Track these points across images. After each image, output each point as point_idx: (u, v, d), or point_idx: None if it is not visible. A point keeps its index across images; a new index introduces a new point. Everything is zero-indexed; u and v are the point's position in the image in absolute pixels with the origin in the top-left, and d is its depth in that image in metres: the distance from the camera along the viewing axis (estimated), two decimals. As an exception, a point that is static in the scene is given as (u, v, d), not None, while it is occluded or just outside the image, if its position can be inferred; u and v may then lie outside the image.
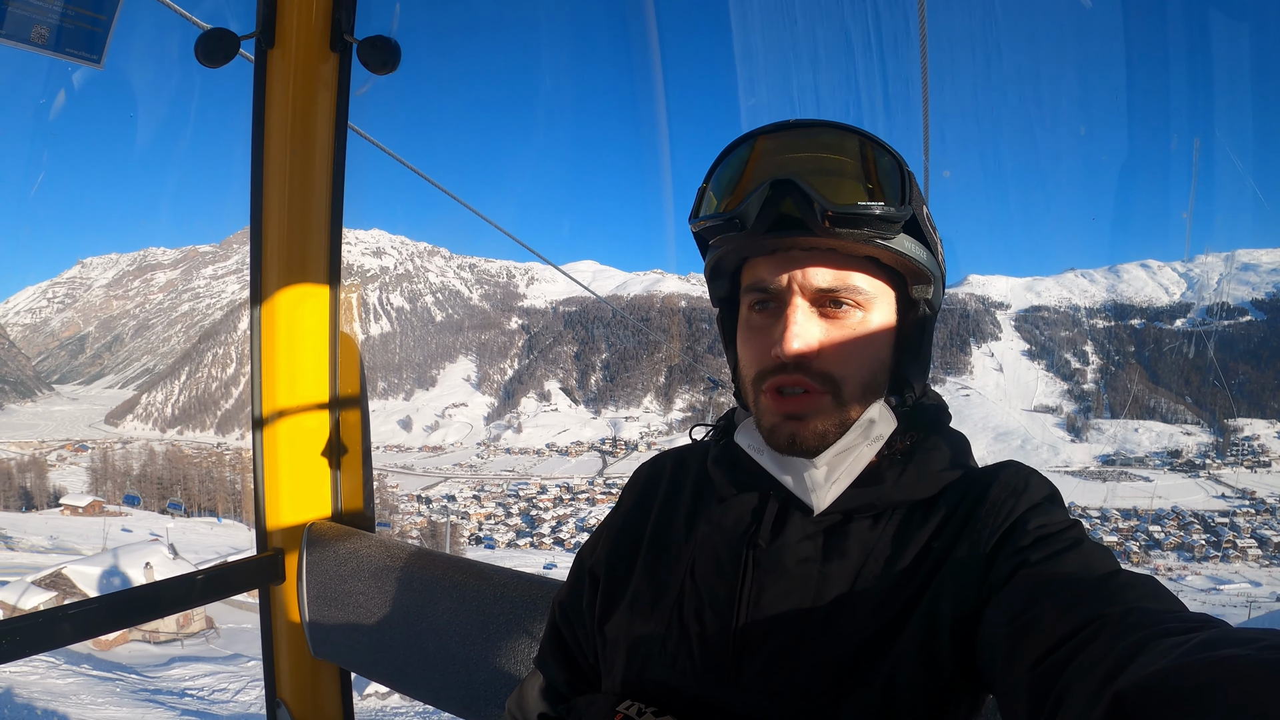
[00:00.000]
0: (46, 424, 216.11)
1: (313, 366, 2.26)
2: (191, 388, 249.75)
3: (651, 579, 1.04)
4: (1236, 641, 0.52)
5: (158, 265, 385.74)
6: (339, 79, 2.14)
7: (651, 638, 0.99)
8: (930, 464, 0.95)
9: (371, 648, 2.05)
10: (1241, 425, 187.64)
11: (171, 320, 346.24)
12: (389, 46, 2.04)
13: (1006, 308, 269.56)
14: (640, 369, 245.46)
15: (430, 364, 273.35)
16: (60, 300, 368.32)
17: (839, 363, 0.91)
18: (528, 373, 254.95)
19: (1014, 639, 0.72)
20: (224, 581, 2.17)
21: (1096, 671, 0.60)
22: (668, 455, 1.19)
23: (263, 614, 2.32)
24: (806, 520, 0.94)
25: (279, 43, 2.05)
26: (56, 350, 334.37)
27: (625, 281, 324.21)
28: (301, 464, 2.28)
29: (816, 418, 0.91)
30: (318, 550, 2.19)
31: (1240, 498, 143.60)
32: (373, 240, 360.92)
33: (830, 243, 0.89)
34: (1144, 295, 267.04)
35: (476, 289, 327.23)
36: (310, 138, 2.13)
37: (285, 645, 2.30)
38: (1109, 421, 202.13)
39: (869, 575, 0.90)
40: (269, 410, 2.24)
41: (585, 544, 1.20)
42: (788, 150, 0.91)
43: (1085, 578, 0.75)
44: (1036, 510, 0.87)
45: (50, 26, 1.74)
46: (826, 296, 0.91)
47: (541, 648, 1.21)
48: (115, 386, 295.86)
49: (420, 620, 1.93)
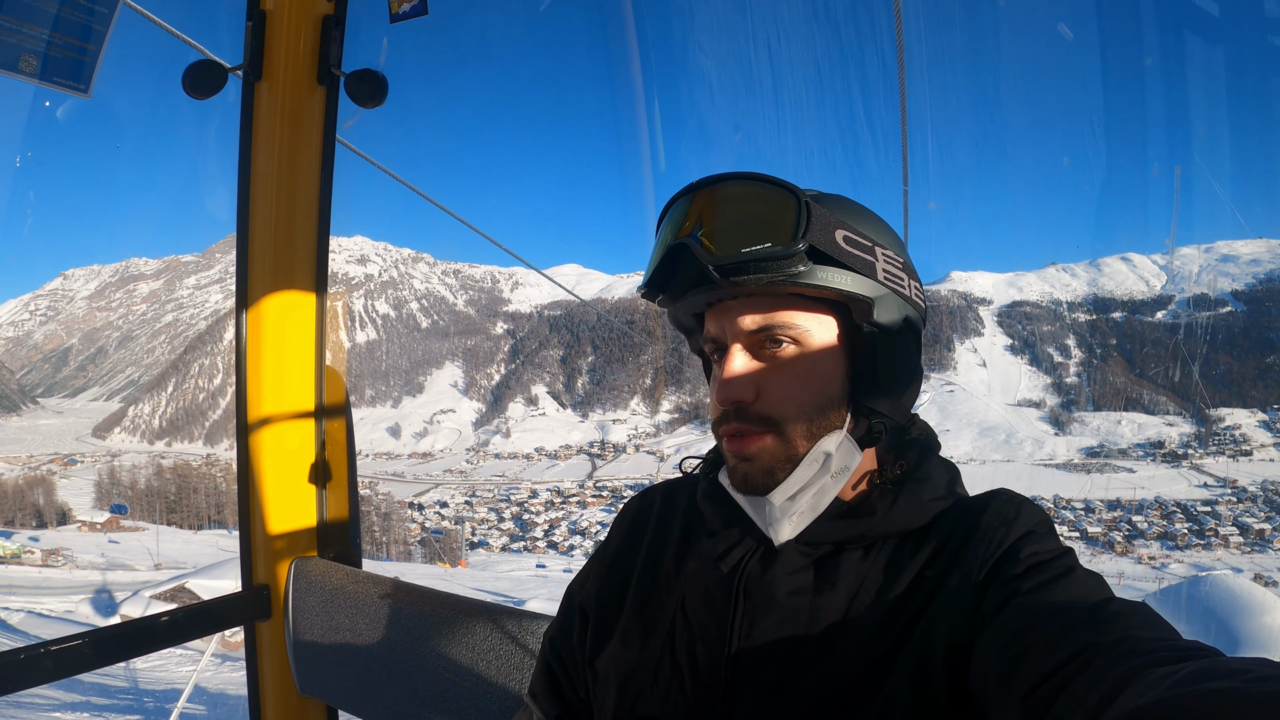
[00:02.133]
0: (33, 438, 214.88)
1: (299, 382, 2.26)
2: (179, 399, 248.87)
3: (642, 613, 1.04)
4: (1226, 673, 0.51)
5: (140, 276, 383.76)
6: (326, 111, 2.16)
7: (643, 672, 0.99)
8: (921, 494, 0.95)
9: (359, 684, 2.03)
10: (1223, 415, 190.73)
11: (155, 331, 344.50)
12: (376, 80, 2.05)
13: (989, 303, 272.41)
14: (626, 371, 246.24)
15: (417, 371, 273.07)
16: (43, 313, 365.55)
17: (777, 402, 0.92)
18: (514, 377, 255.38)
19: (1005, 670, 0.72)
20: (211, 617, 2.14)
21: (1087, 702, 0.60)
22: (656, 489, 1.20)
23: (248, 650, 2.30)
24: (797, 553, 0.94)
25: (267, 75, 2.07)
26: (40, 363, 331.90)
27: (609, 284, 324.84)
28: (287, 490, 2.25)
29: (761, 457, 0.92)
30: (304, 584, 2.16)
31: (1222, 486, 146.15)
32: (356, 248, 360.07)
33: (744, 290, 0.91)
34: (1125, 288, 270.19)
35: (461, 294, 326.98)
36: (297, 166, 2.13)
37: (271, 682, 2.27)
38: (1092, 414, 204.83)
39: (861, 606, 0.90)
40: (254, 424, 2.23)
41: (575, 578, 1.20)
42: (685, 214, 0.94)
43: (1076, 606, 0.75)
44: (1028, 539, 0.87)
45: (38, 55, 1.74)
46: (759, 338, 0.92)
47: (533, 683, 1.21)
48: (100, 399, 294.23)
49: (409, 656, 1.91)
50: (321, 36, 2.09)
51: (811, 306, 0.93)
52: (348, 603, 2.06)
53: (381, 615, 1.99)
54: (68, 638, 1.83)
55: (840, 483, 0.94)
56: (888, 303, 0.93)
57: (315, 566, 2.19)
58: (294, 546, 2.26)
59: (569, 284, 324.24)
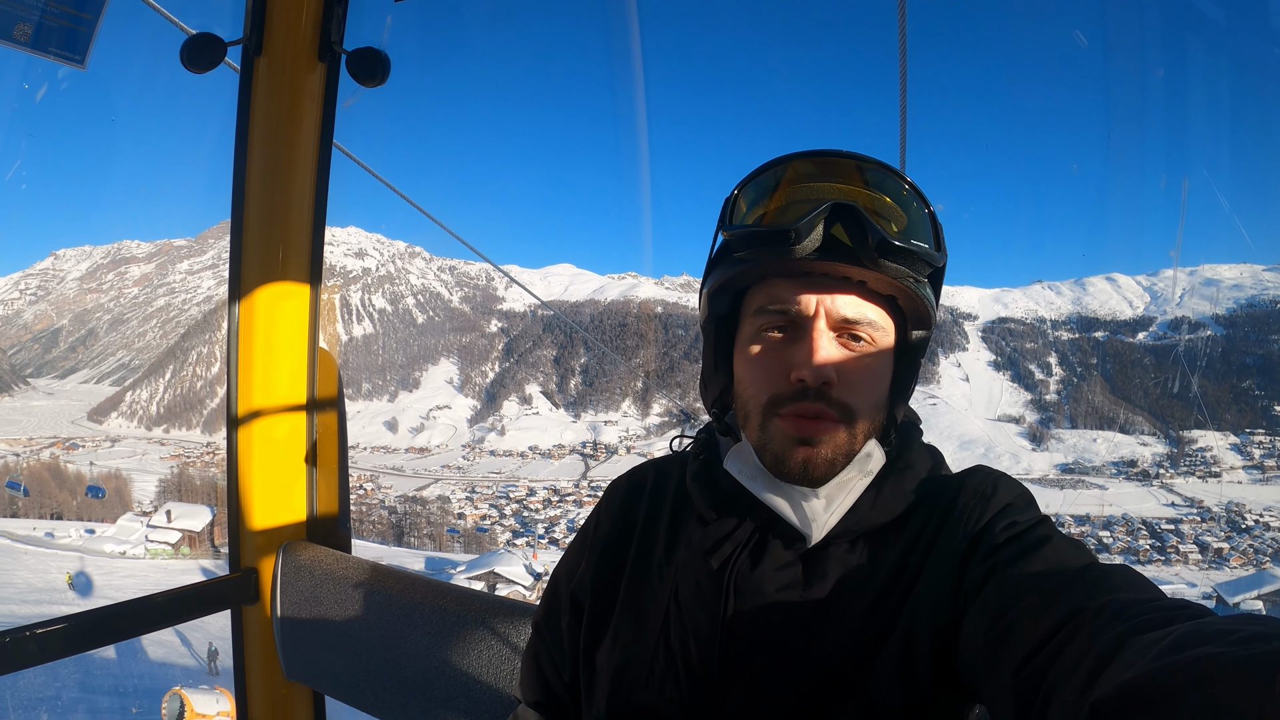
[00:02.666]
0: (27, 419, 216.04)
1: (291, 368, 2.21)
2: (176, 386, 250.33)
3: (635, 604, 1.04)
4: (1212, 635, 0.52)
5: (132, 259, 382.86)
6: (325, 89, 2.11)
7: (637, 664, 0.99)
8: (904, 483, 0.96)
9: (348, 671, 1.99)
10: (1196, 437, 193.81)
11: (147, 315, 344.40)
12: (378, 59, 2.02)
13: (974, 319, 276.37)
14: (618, 373, 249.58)
15: (413, 366, 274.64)
16: (33, 292, 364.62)
17: (855, 393, 0.92)
18: (509, 376, 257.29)
19: (993, 646, 0.72)
20: (196, 601, 2.10)
21: (1078, 672, 0.60)
22: (648, 466, 1.18)
23: (234, 634, 2.26)
24: (785, 547, 0.94)
25: (266, 50, 2.01)
26: (29, 343, 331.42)
27: (602, 286, 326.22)
28: (277, 477, 2.21)
29: (828, 445, 0.91)
30: (292, 569, 2.12)
31: (1189, 506, 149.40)
32: (354, 241, 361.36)
33: (864, 275, 0.90)
34: (1108, 308, 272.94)
35: (457, 291, 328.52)
36: (295, 145, 2.08)
37: (258, 667, 2.23)
38: (1069, 431, 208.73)
39: (849, 597, 0.90)
40: (245, 411, 2.18)
41: (560, 564, 1.19)
42: (835, 177, 0.92)
43: (1058, 574, 0.75)
44: (1005, 512, 0.88)
45: (33, 24, 1.68)
46: (847, 327, 0.92)
47: (522, 674, 1.22)
48: (91, 381, 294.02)
49: (399, 643, 1.87)
50: (324, 12, 2.02)
51: (890, 312, 0.95)
52: (336, 588, 2.03)
53: (370, 601, 1.96)
54: (51, 620, 1.80)
55: (865, 483, 0.95)
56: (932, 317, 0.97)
57: (304, 551, 2.15)
58: (283, 532, 2.22)
59: (563, 284, 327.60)
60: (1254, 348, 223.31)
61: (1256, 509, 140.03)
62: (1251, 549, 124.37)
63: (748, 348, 0.96)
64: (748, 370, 0.96)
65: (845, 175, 0.92)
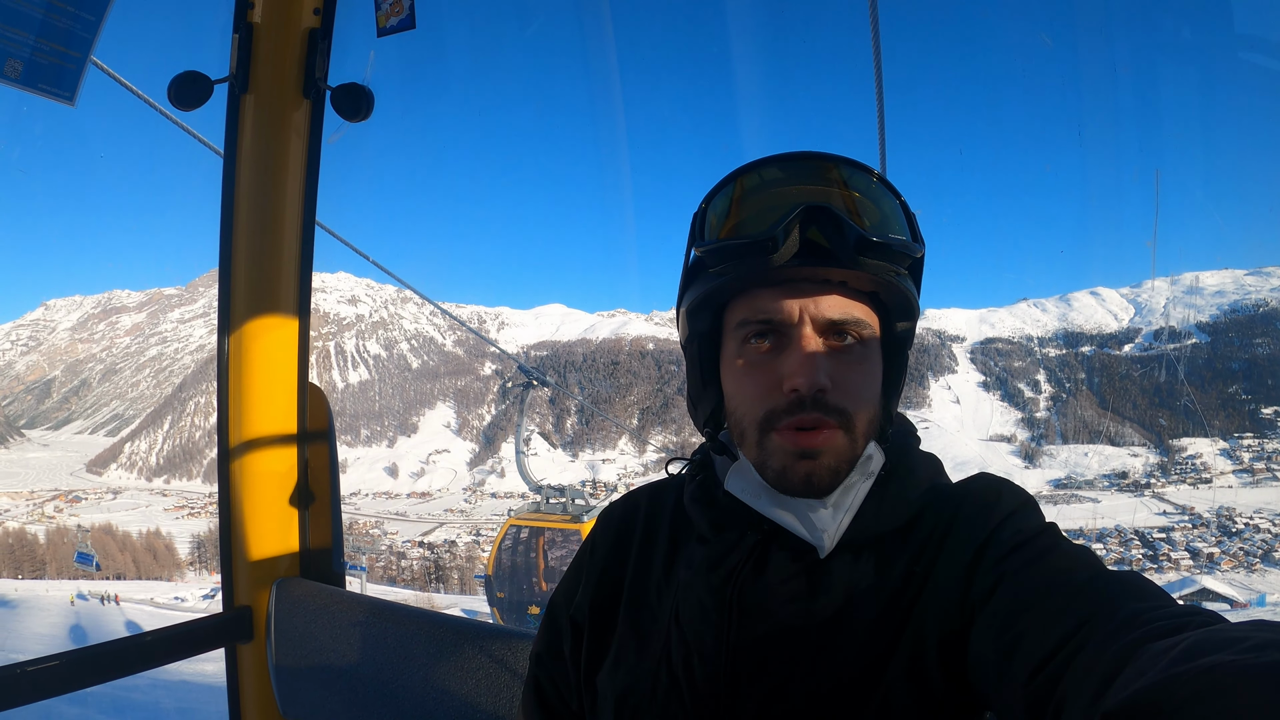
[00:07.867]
0: (24, 472, 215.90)
1: (282, 402, 2.21)
2: (175, 436, 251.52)
3: (636, 627, 1.02)
4: (1223, 643, 0.51)
5: (123, 308, 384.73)
6: (311, 125, 2.13)
7: (640, 688, 0.97)
8: (906, 491, 0.94)
9: (345, 707, 1.97)
10: (1185, 445, 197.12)
11: (139, 365, 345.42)
12: (362, 94, 2.03)
13: (962, 340, 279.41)
14: (614, 412, 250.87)
15: (410, 411, 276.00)
16: (24, 343, 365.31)
17: (850, 395, 0.89)
18: (505, 418, 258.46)
19: (1003, 656, 0.71)
20: (190, 640, 2.08)
21: (1089, 681, 0.60)
22: (642, 491, 1.17)
23: (229, 672, 2.24)
24: (788, 559, 0.93)
25: (252, 87, 2.03)
26: (22, 394, 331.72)
27: (593, 324, 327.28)
28: (269, 512, 2.21)
29: (830, 455, 0.88)
30: (287, 606, 2.10)
31: (1180, 513, 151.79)
32: (345, 288, 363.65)
33: (845, 275, 0.88)
34: (1094, 322, 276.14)
35: (450, 335, 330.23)
36: (281, 180, 2.10)
37: (253, 705, 2.21)
38: (1060, 447, 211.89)
39: (855, 608, 0.88)
40: (235, 445, 2.18)
41: (558, 591, 1.17)
42: (803, 179, 0.90)
43: (1067, 582, 0.74)
44: (1010, 520, 0.86)
45: (23, 61, 1.69)
46: (835, 329, 0.89)
47: (523, 704, 1.20)
48: (85, 432, 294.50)
49: (395, 678, 1.86)
50: (308, 50, 2.06)
51: (868, 303, 0.92)
52: (331, 624, 2.01)
53: (365, 636, 1.95)
54: (45, 658, 1.79)
55: (868, 486, 0.93)
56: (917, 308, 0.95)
57: (298, 588, 2.14)
58: (276, 568, 2.21)
59: (554, 324, 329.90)
60: (1239, 353, 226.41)
61: (1246, 512, 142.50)
62: (1242, 551, 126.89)
63: (734, 362, 0.93)
64: (737, 386, 0.93)
65: (813, 176, 0.91)
